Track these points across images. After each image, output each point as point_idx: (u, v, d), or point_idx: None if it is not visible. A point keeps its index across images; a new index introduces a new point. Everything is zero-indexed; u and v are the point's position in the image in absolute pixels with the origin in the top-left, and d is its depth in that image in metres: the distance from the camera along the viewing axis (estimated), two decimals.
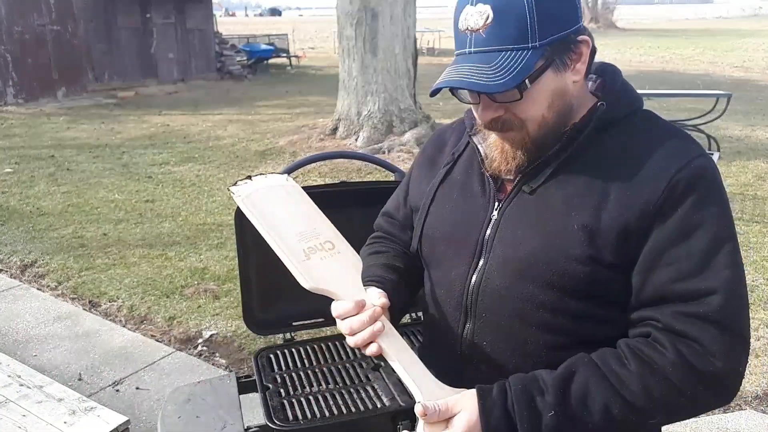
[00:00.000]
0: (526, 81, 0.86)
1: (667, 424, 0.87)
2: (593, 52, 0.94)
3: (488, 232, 0.97)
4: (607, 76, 1.00)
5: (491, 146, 0.97)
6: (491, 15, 0.86)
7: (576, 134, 0.91)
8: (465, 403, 0.86)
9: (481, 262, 0.97)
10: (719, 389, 0.83)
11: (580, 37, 0.90)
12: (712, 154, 5.51)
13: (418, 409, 0.84)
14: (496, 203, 0.98)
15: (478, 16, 0.87)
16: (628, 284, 0.88)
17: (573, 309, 0.91)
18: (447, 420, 0.85)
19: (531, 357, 0.94)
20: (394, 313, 1.02)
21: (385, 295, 0.97)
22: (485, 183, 1.00)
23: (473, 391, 0.87)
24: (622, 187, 0.87)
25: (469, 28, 0.88)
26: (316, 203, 1.75)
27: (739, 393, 2.62)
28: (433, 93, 0.92)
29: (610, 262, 0.87)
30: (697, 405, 0.84)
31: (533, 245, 0.91)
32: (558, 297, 0.90)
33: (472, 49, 0.89)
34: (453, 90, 0.93)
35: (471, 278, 0.98)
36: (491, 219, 0.97)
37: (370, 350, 0.89)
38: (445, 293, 1.03)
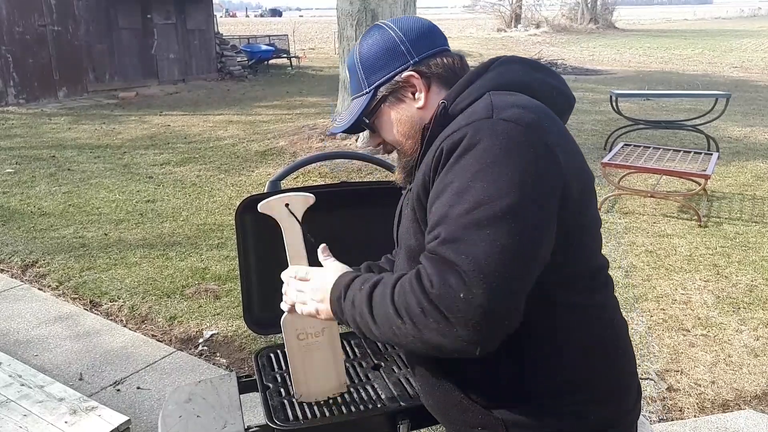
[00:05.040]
0: (365, 119, 1.17)
1: (410, 335, 0.92)
2: (451, 69, 1.13)
3: (395, 228, 1.24)
4: (466, 74, 1.12)
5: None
6: (347, 73, 1.20)
7: (425, 133, 1.08)
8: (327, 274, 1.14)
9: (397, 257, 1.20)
10: (439, 312, 0.87)
11: (406, 74, 1.12)
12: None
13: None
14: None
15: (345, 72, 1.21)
16: None
17: None
18: None
19: None
20: None
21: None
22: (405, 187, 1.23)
23: (338, 274, 1.11)
24: (425, 165, 1.03)
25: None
26: (316, 203, 1.76)
27: (739, 393, 2.64)
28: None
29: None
30: (422, 319, 0.89)
31: (403, 228, 1.14)
32: None
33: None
34: None
35: (394, 265, 1.20)
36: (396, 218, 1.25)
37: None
38: None
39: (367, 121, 1.17)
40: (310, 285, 1.13)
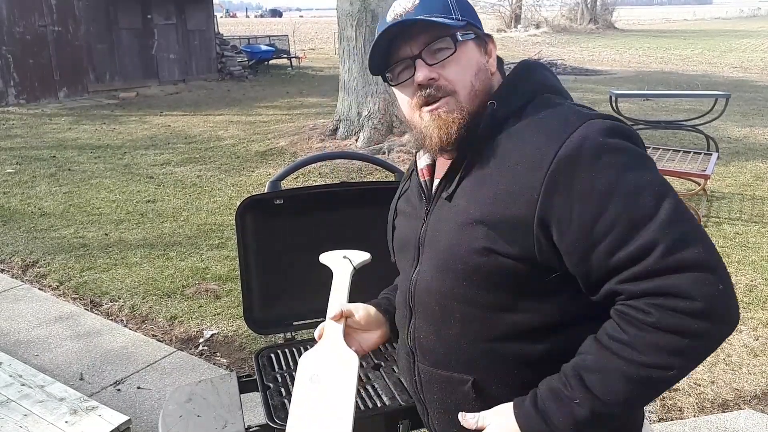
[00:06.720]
0: (458, 35, 0.97)
1: (692, 367, 0.86)
2: (500, 62, 1.06)
3: (421, 236, 1.06)
4: (508, 74, 1.04)
5: (428, 126, 1.00)
6: (418, 1, 0.98)
7: (471, 136, 0.97)
8: (502, 409, 0.96)
9: (418, 264, 1.06)
10: (714, 318, 0.82)
11: (488, 35, 1.03)
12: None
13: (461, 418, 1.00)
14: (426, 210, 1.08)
15: (407, 2, 0.98)
16: (535, 273, 0.93)
17: (485, 301, 0.97)
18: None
19: (459, 350, 1.01)
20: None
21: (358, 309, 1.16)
22: (421, 194, 1.10)
23: (510, 403, 0.95)
24: (510, 178, 0.92)
25: (397, 14, 0.99)
26: (316, 203, 1.77)
27: (739, 393, 2.64)
28: (374, 69, 1.04)
29: (508, 253, 0.92)
30: (705, 339, 0.83)
31: (446, 243, 0.99)
32: (471, 290, 0.97)
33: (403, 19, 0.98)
34: (386, 77, 1.03)
35: (411, 278, 1.07)
36: (423, 225, 1.07)
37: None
38: (401, 295, 1.14)
39: (460, 39, 0.97)
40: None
